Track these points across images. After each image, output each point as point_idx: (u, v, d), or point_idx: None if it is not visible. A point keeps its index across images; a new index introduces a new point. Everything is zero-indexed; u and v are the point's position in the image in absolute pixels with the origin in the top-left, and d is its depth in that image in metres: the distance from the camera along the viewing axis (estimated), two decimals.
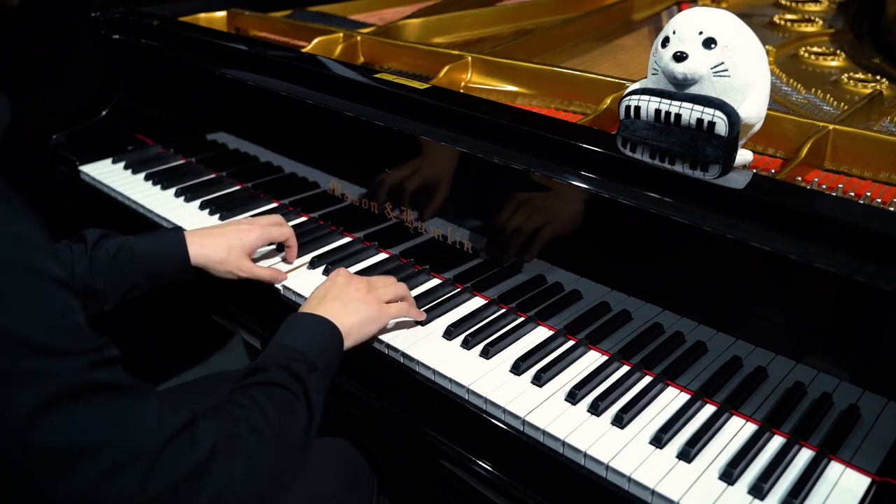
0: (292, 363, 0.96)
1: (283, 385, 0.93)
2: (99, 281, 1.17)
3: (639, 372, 1.08)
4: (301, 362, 0.97)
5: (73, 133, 1.81)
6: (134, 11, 1.85)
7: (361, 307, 1.11)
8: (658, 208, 1.03)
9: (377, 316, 1.13)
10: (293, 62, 1.50)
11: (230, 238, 1.28)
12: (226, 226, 1.33)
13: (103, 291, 1.18)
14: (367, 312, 1.11)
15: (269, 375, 0.94)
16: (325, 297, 1.12)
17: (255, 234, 1.30)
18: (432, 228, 1.32)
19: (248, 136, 1.63)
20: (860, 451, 0.94)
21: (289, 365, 0.96)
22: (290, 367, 0.96)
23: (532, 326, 1.20)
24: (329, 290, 1.14)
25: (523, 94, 1.50)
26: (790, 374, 1.01)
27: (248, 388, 0.92)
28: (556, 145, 1.14)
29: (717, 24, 1.06)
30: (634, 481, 0.92)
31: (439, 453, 1.09)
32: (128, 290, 1.21)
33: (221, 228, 1.31)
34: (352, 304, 1.11)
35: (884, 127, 1.35)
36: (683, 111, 1.06)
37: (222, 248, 1.27)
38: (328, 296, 1.12)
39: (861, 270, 0.89)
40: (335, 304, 1.10)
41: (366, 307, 1.12)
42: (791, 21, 1.94)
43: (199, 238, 1.27)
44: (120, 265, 1.19)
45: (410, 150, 1.31)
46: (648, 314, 1.12)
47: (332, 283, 1.16)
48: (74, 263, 1.17)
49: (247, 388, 0.92)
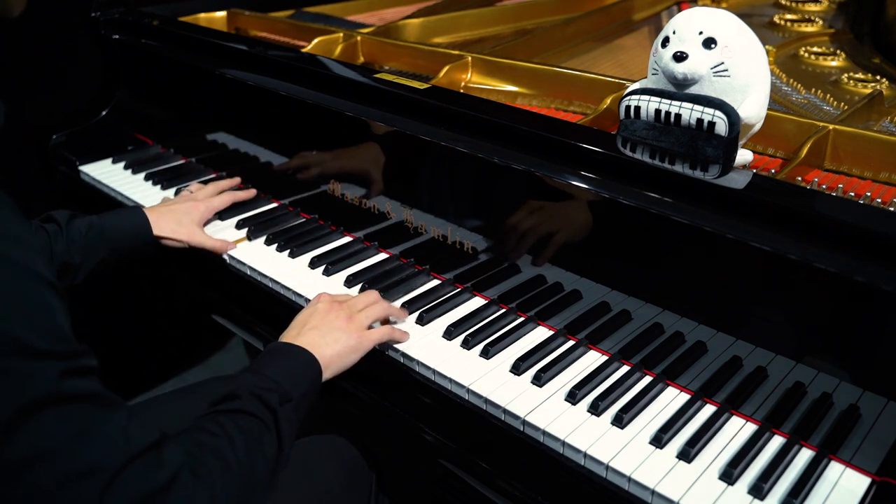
0: (265, 392, 0.96)
1: (253, 414, 0.93)
2: (75, 257, 1.30)
3: (639, 372, 1.08)
4: (274, 392, 0.97)
5: (73, 133, 1.81)
6: (134, 11, 1.85)
7: (341, 337, 1.10)
8: (658, 208, 1.03)
9: (357, 345, 1.11)
10: (293, 62, 1.50)
11: (179, 213, 1.43)
12: (173, 204, 1.47)
13: (77, 266, 1.30)
14: (346, 342, 1.10)
15: (241, 403, 0.94)
16: (306, 326, 1.11)
17: (201, 208, 1.46)
18: (432, 228, 1.32)
19: (248, 136, 1.63)
20: (860, 451, 0.94)
21: (261, 394, 0.96)
22: (263, 396, 0.95)
23: (532, 326, 1.20)
24: (309, 318, 1.13)
25: (523, 94, 1.50)
26: (790, 374, 1.01)
27: (218, 416, 0.92)
28: (556, 145, 1.14)
29: (717, 24, 1.06)
30: (634, 481, 0.92)
31: (439, 453, 1.09)
32: (97, 263, 1.33)
33: (173, 205, 1.46)
34: (332, 334, 1.10)
35: (884, 127, 1.35)
36: (683, 111, 1.06)
37: (174, 221, 1.41)
38: (308, 324, 1.11)
39: (861, 270, 0.89)
40: (314, 335, 1.09)
41: (346, 336, 1.10)
42: (791, 21, 1.94)
43: (155, 213, 1.41)
44: (91, 242, 1.32)
45: (410, 150, 1.31)
46: (648, 314, 1.12)
47: (312, 310, 1.15)
48: (53, 242, 1.28)
49: (217, 414, 0.92)
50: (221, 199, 1.51)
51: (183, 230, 1.40)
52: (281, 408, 0.96)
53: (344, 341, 1.10)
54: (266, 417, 0.94)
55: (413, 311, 1.23)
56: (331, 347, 1.08)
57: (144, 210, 1.41)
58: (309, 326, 1.11)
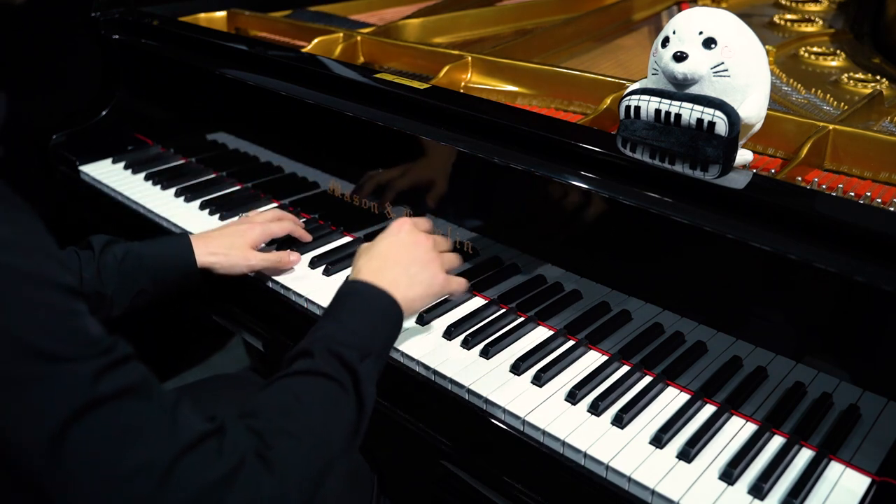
0: (344, 349, 0.88)
1: (331, 376, 0.86)
2: (108, 286, 1.18)
3: (639, 372, 1.08)
4: (354, 348, 0.89)
5: (73, 133, 1.81)
6: (134, 11, 1.85)
7: (426, 278, 1.01)
8: (658, 208, 1.03)
9: (440, 291, 1.03)
10: (293, 62, 1.50)
11: (232, 237, 1.30)
12: (227, 226, 1.36)
13: (111, 297, 1.19)
14: (430, 285, 1.01)
15: (317, 363, 0.86)
16: (388, 259, 1.01)
17: (256, 231, 1.33)
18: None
19: (248, 136, 1.63)
20: (860, 451, 0.94)
21: (340, 351, 0.88)
22: (342, 353, 0.88)
23: (532, 326, 1.20)
24: (391, 248, 1.03)
25: (523, 94, 1.50)
26: (790, 374, 1.01)
27: (291, 380, 0.86)
28: (556, 145, 1.14)
29: (717, 24, 1.06)
30: (634, 481, 0.92)
31: (439, 453, 1.09)
32: (135, 294, 1.21)
33: (223, 230, 1.34)
34: (417, 275, 1.01)
35: (884, 127, 1.35)
36: (683, 111, 1.06)
37: (225, 246, 1.29)
38: (391, 257, 1.02)
39: (861, 270, 0.89)
40: (398, 272, 1.00)
41: (430, 278, 1.02)
42: (791, 21, 1.94)
43: (203, 240, 1.29)
44: (127, 270, 1.20)
45: (410, 150, 1.31)
46: (648, 314, 1.12)
47: (395, 238, 1.05)
48: (83, 269, 1.17)
49: (290, 378, 0.86)
50: (281, 226, 1.36)
51: (237, 252, 1.28)
52: (361, 364, 0.88)
53: (427, 283, 1.02)
54: (345, 379, 0.86)
55: None
56: (414, 289, 1.00)
57: (192, 237, 1.29)
58: (392, 260, 1.02)
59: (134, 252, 1.22)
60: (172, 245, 1.27)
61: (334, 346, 0.88)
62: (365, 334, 0.91)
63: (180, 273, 1.25)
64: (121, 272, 1.19)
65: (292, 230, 1.38)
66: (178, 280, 1.25)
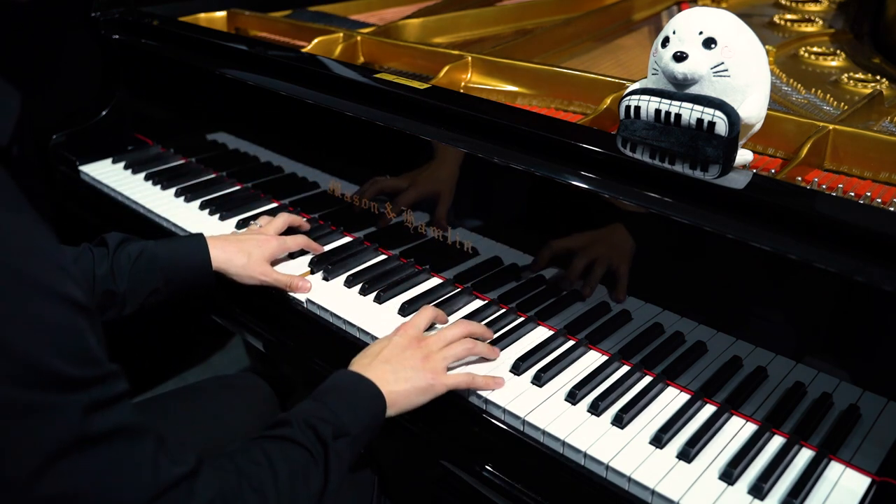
0: (320, 423, 0.91)
1: (303, 445, 0.89)
2: (120, 284, 1.18)
3: (639, 372, 1.08)
4: (329, 423, 0.92)
5: (73, 133, 1.81)
6: (134, 11, 1.85)
7: (413, 376, 1.03)
8: (658, 208, 1.03)
9: (428, 388, 1.04)
10: (293, 62, 1.50)
11: (249, 245, 1.30)
12: (245, 233, 1.36)
13: (123, 295, 1.18)
14: (417, 383, 1.03)
15: (293, 432, 0.90)
16: (377, 358, 1.05)
17: (274, 243, 1.33)
18: (432, 228, 1.32)
19: (248, 136, 1.63)
20: (860, 451, 0.94)
21: (316, 424, 0.91)
22: (317, 427, 0.91)
23: (532, 326, 1.20)
24: (383, 350, 1.07)
25: (523, 94, 1.50)
26: (790, 374, 1.01)
27: (265, 442, 0.88)
28: (556, 145, 1.14)
29: (717, 24, 1.06)
30: (634, 481, 0.92)
31: (439, 453, 1.09)
32: (148, 294, 1.21)
33: (242, 236, 1.34)
34: (404, 372, 1.03)
35: (884, 127, 1.35)
36: (683, 111, 1.06)
37: (243, 253, 1.28)
38: (381, 356, 1.05)
39: (861, 270, 0.89)
40: (386, 369, 1.03)
41: (417, 377, 1.03)
42: (791, 21, 1.94)
43: (220, 243, 1.28)
44: (141, 269, 1.19)
45: (410, 150, 1.31)
46: (648, 314, 1.12)
47: (388, 342, 1.08)
48: (95, 266, 1.17)
49: (265, 440, 0.89)
50: (295, 241, 1.37)
51: (252, 264, 1.28)
52: (334, 442, 0.91)
53: (415, 381, 1.03)
54: (316, 450, 0.89)
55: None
56: (400, 385, 1.02)
57: (208, 239, 1.28)
58: (381, 359, 1.05)
59: (149, 251, 1.21)
60: (188, 245, 1.26)
61: (311, 420, 0.92)
62: (343, 416, 0.94)
63: (194, 274, 1.25)
64: (134, 271, 1.19)
65: (306, 245, 1.39)
66: (192, 281, 1.25)
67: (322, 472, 0.89)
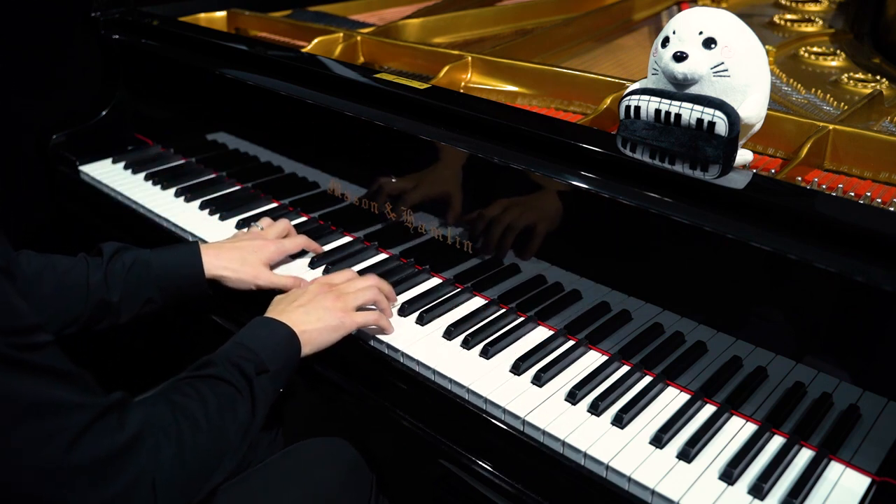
0: (242, 361, 1.00)
1: (229, 381, 0.97)
2: (114, 293, 1.19)
3: (639, 372, 1.08)
4: (251, 361, 1.00)
5: (73, 133, 1.81)
6: (134, 11, 1.85)
7: (324, 315, 1.12)
8: (658, 208, 1.03)
9: (339, 325, 1.13)
10: (293, 62, 1.50)
11: (245, 251, 1.30)
12: (241, 240, 1.34)
13: (118, 304, 1.19)
14: (328, 321, 1.12)
15: (218, 370, 0.98)
16: (293, 303, 1.14)
17: (270, 248, 1.32)
18: (432, 228, 1.32)
19: (248, 136, 1.63)
20: (860, 451, 0.94)
21: (238, 362, 0.99)
22: (240, 364, 0.99)
23: (532, 326, 1.20)
24: (299, 297, 1.16)
25: (523, 94, 1.50)
26: (790, 374, 1.01)
27: (193, 380, 0.96)
28: (556, 145, 1.14)
29: (717, 24, 1.06)
30: (634, 481, 0.92)
31: (439, 453, 1.09)
32: (143, 303, 1.22)
33: (237, 242, 1.33)
34: (316, 312, 1.12)
35: (884, 127, 1.35)
36: (683, 111, 1.06)
37: (237, 260, 1.28)
38: (296, 302, 1.14)
39: (861, 270, 0.89)
40: (299, 312, 1.12)
41: (329, 315, 1.12)
42: (791, 21, 1.95)
43: (214, 250, 1.28)
44: (135, 278, 1.20)
45: (410, 150, 1.31)
46: (648, 314, 1.12)
47: (303, 290, 1.18)
48: (90, 275, 1.18)
49: (193, 379, 0.96)
50: (294, 242, 1.37)
51: (248, 269, 1.28)
52: (257, 377, 0.99)
53: (326, 320, 1.12)
54: (241, 384, 0.98)
55: (413, 311, 1.23)
56: (312, 324, 1.11)
57: (202, 246, 1.29)
58: (296, 304, 1.13)
59: (142, 260, 1.22)
60: (182, 254, 1.26)
61: (234, 359, 1.00)
62: (263, 354, 1.02)
63: (188, 282, 1.25)
64: (128, 280, 1.19)
65: (306, 245, 1.39)
66: (186, 289, 1.25)
67: (249, 403, 0.98)
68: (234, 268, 1.27)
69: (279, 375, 1.04)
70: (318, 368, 1.21)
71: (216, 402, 0.93)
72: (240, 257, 1.28)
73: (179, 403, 0.91)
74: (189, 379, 0.97)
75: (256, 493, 1.08)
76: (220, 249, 1.29)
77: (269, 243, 1.33)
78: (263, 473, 1.11)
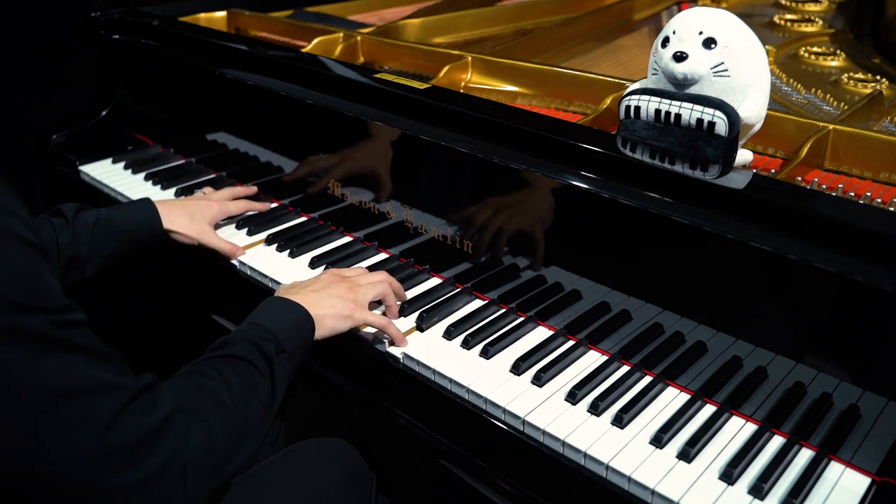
0: (261, 341, 1.00)
1: (249, 360, 0.97)
2: (82, 249, 1.28)
3: (639, 372, 1.08)
4: (270, 341, 1.01)
5: (73, 133, 1.81)
6: (134, 11, 1.85)
7: (337, 302, 1.14)
8: (658, 208, 1.03)
9: (349, 315, 1.14)
10: (293, 62, 1.50)
11: (193, 209, 1.42)
12: (189, 199, 1.47)
13: (85, 259, 1.28)
14: (340, 309, 1.13)
15: (237, 349, 0.98)
16: (307, 288, 1.16)
17: (214, 208, 1.45)
18: (432, 228, 1.32)
19: (248, 136, 1.63)
20: (860, 451, 0.94)
21: (258, 342, 1.00)
22: (259, 344, 1.00)
23: (532, 326, 1.19)
24: (312, 282, 1.18)
25: (523, 94, 1.50)
26: (790, 374, 1.01)
27: (214, 360, 0.96)
28: (556, 145, 1.14)
29: (717, 24, 1.06)
30: (634, 481, 0.92)
31: (439, 453, 1.09)
32: (106, 256, 1.31)
33: (185, 201, 1.46)
34: (329, 299, 1.14)
35: (884, 127, 1.35)
36: (683, 111, 1.06)
37: (186, 216, 1.40)
38: (310, 287, 1.16)
39: (861, 270, 0.89)
40: (313, 296, 1.13)
41: (341, 303, 1.14)
42: (791, 21, 1.95)
43: (166, 208, 1.39)
44: (99, 234, 1.30)
45: (411, 150, 1.31)
46: (648, 314, 1.12)
47: (317, 277, 1.20)
48: (58, 236, 1.26)
49: (214, 359, 0.96)
50: (237, 205, 1.49)
51: (194, 227, 1.39)
52: (276, 357, 1.00)
53: (338, 308, 1.13)
54: (261, 365, 0.98)
55: (413, 310, 1.23)
56: (325, 309, 1.12)
57: (155, 203, 1.39)
58: (310, 289, 1.15)
59: (104, 217, 1.32)
60: (139, 210, 1.38)
61: (253, 338, 1.01)
62: (280, 334, 1.03)
63: (148, 235, 1.37)
64: (93, 236, 1.29)
65: (248, 207, 1.50)
66: (146, 242, 1.37)
67: (269, 383, 0.98)
68: (182, 223, 1.39)
69: (294, 357, 1.05)
70: (319, 368, 1.21)
71: (239, 383, 0.94)
72: (188, 213, 1.40)
73: (205, 385, 0.91)
74: (210, 360, 0.97)
75: (257, 492, 1.08)
76: (171, 206, 1.40)
77: (214, 203, 1.46)
78: (264, 473, 1.11)
